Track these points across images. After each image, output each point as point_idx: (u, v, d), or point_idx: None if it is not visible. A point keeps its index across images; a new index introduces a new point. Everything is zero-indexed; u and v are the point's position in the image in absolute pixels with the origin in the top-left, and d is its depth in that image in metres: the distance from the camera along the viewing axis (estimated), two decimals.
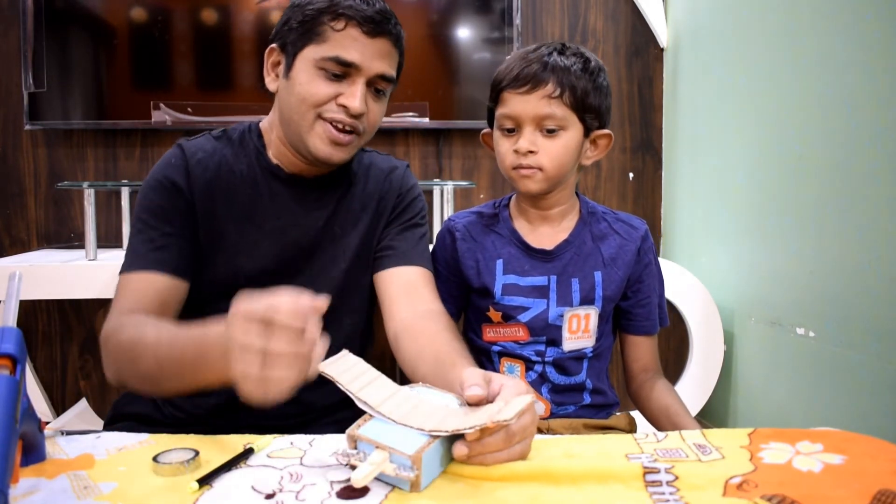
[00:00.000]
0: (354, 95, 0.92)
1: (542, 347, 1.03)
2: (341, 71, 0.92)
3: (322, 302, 0.62)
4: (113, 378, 0.86)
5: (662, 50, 2.14)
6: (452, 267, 1.09)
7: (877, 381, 1.12)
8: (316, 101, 0.93)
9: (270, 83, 0.99)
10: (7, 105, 2.00)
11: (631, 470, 0.64)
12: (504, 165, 1.02)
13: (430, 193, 2.05)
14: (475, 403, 0.68)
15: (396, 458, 0.61)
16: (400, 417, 0.65)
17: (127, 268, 0.94)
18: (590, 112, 0.98)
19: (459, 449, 0.63)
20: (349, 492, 0.60)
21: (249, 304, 0.61)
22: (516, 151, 0.98)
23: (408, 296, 0.99)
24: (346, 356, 0.71)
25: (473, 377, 0.69)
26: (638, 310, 1.09)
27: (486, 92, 1.04)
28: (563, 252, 1.04)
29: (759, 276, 1.54)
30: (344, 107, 0.93)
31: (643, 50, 2.15)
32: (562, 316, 1.02)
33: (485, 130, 1.07)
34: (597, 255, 1.05)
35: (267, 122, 1.04)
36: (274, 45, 0.98)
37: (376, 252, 1.05)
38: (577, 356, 1.04)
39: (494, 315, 1.05)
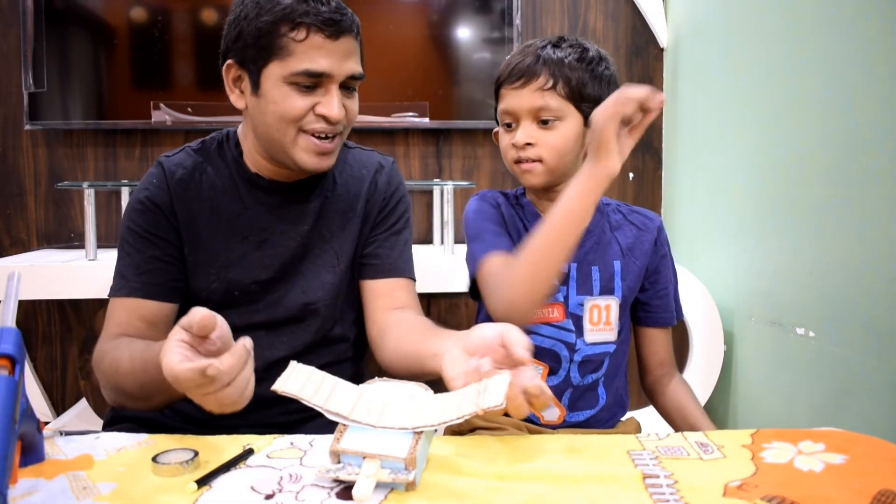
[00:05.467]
0: (332, 104, 0.90)
1: (572, 338, 1.02)
2: (312, 82, 0.89)
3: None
4: (109, 400, 0.88)
5: (662, 50, 2.14)
6: (504, 224, 1.06)
7: (877, 381, 1.12)
8: (294, 116, 0.90)
9: (236, 100, 0.95)
10: (7, 105, 1.99)
11: (631, 470, 0.64)
12: (507, 161, 1.02)
13: (429, 193, 2.05)
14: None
15: (388, 463, 0.60)
16: (377, 421, 0.64)
17: (115, 292, 0.95)
18: (588, 101, 0.97)
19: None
20: (349, 492, 0.59)
21: (177, 331, 0.66)
22: (515, 146, 0.99)
23: (392, 305, 1.02)
24: (297, 369, 0.67)
25: (453, 369, 0.69)
26: (656, 301, 1.09)
27: (486, 92, 1.05)
28: (583, 240, 1.03)
29: (758, 277, 1.54)
30: (323, 116, 0.91)
31: (643, 50, 2.15)
32: (582, 305, 1.02)
33: (494, 129, 1.07)
34: (614, 244, 1.05)
35: (241, 132, 1.02)
36: (231, 62, 0.93)
37: (361, 258, 1.05)
38: (600, 354, 1.04)
39: None
